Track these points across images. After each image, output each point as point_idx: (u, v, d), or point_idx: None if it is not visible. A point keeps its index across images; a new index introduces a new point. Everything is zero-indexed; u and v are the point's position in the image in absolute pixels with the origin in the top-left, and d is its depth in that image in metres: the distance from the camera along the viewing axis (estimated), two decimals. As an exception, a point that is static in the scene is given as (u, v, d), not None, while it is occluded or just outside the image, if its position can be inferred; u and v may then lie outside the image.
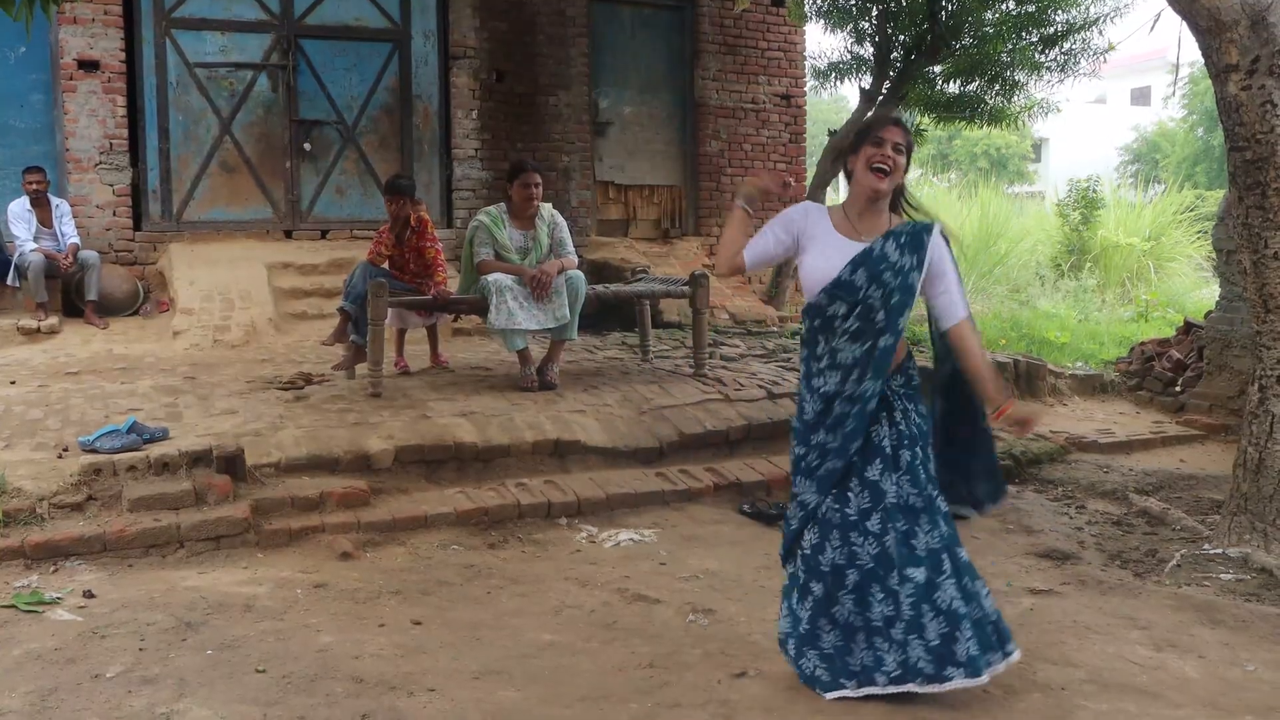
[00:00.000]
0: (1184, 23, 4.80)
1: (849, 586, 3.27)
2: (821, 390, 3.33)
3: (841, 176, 3.76)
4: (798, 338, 3.48)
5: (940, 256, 3.34)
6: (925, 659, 3.18)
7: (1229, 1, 4.55)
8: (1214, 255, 8.95)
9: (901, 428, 3.32)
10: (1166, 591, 4.33)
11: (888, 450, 3.30)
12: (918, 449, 3.32)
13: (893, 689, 3.22)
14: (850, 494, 3.29)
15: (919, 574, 3.22)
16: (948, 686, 3.19)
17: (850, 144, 3.43)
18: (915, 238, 3.31)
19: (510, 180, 6.76)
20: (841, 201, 3.48)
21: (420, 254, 6.97)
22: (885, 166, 3.28)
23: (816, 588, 3.32)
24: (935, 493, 3.32)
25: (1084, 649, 3.72)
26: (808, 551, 3.35)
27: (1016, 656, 3.31)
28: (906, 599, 3.21)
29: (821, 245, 3.33)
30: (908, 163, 3.37)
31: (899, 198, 3.44)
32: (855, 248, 3.32)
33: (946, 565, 3.25)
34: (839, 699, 3.25)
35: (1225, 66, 4.64)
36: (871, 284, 3.26)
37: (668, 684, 3.39)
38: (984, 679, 3.21)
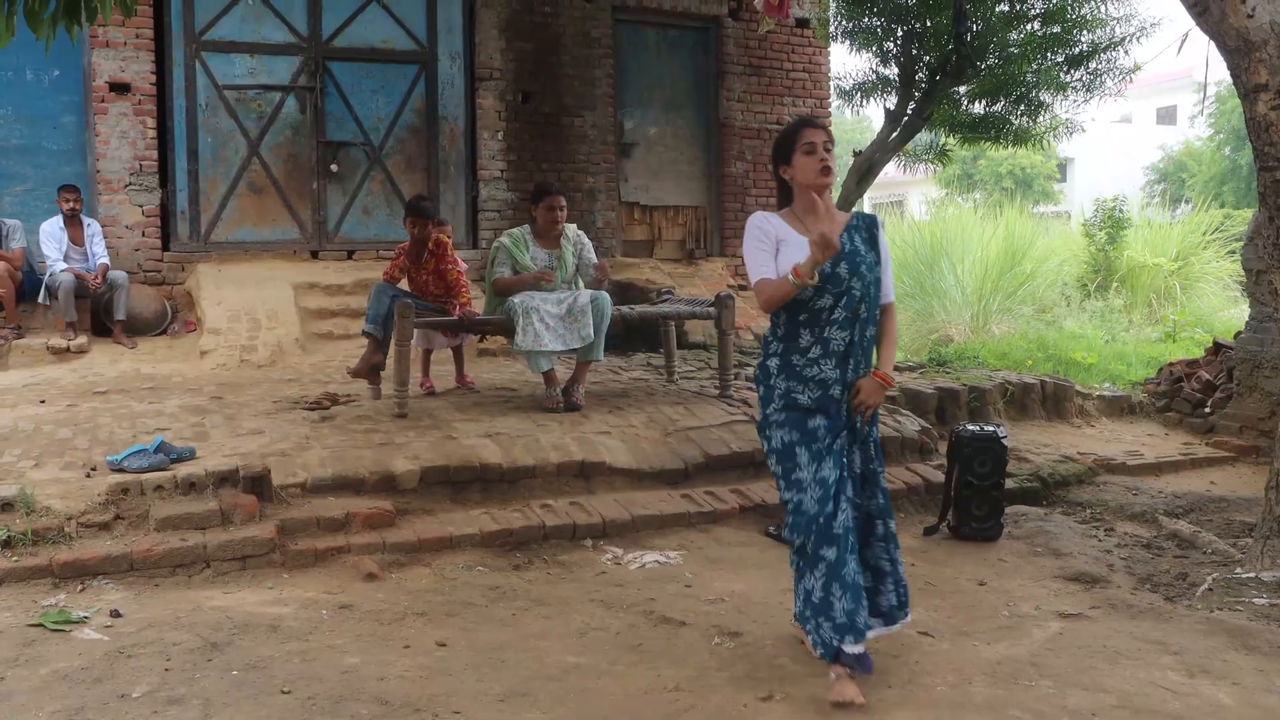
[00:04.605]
0: (1212, 42, 4.78)
1: (850, 547, 3.51)
2: (819, 377, 3.55)
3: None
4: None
5: (885, 245, 3.70)
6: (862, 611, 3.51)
7: (1258, 21, 4.53)
8: (1243, 276, 8.87)
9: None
10: (1198, 616, 4.28)
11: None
12: (872, 428, 3.73)
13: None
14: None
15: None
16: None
17: (776, 157, 3.69)
18: (869, 231, 3.66)
19: (535, 202, 6.84)
20: (781, 210, 3.72)
21: (440, 276, 6.97)
22: (830, 165, 3.57)
23: (829, 553, 3.48)
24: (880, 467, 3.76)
25: (1114, 674, 3.67)
26: (821, 521, 3.49)
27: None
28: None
29: (792, 248, 3.55)
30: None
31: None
32: None
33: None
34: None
35: (1254, 86, 4.61)
36: (853, 276, 3.54)
37: (693, 708, 3.37)
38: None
